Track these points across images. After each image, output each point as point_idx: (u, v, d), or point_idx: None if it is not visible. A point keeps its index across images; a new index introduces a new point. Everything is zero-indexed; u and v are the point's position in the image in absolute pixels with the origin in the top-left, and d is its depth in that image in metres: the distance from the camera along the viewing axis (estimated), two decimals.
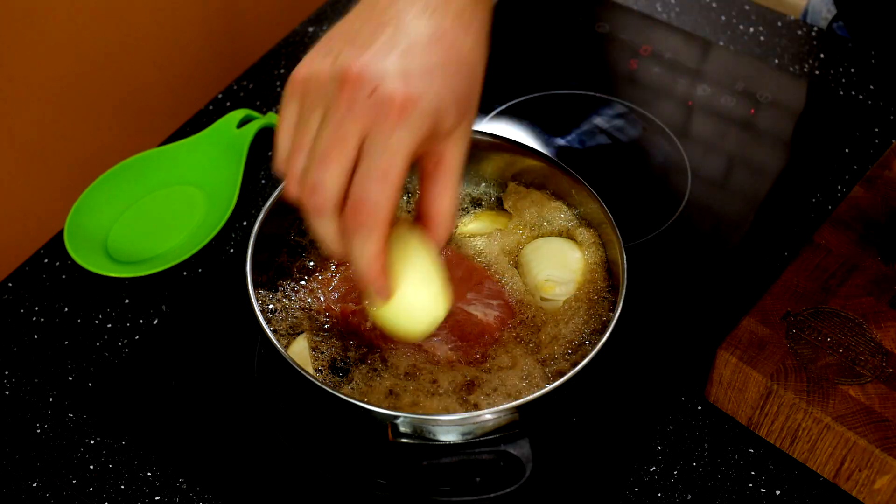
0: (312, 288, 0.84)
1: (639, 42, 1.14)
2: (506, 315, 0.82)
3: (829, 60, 1.13)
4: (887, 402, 0.76)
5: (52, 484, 0.82)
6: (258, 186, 1.02)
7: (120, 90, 1.10)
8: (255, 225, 0.81)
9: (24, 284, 0.94)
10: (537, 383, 0.77)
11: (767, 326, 0.81)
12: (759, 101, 1.08)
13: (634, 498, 0.81)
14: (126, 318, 0.92)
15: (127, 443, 0.84)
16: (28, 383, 0.88)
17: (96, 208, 0.98)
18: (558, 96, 1.09)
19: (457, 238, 0.89)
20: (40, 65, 1.00)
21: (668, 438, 0.84)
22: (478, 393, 0.77)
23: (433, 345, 0.80)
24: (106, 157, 1.06)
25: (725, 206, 1.00)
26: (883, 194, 0.91)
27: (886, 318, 0.81)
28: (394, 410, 0.73)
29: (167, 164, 1.01)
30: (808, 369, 0.79)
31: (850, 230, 0.88)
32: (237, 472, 0.81)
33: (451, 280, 0.73)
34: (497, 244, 0.87)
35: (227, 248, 0.97)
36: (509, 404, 0.72)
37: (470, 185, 0.92)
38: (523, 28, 1.16)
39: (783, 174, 1.02)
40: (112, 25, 1.05)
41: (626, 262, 0.80)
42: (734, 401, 0.82)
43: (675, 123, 1.06)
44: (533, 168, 0.89)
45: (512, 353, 0.80)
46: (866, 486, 0.78)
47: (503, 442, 0.72)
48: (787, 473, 0.82)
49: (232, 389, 0.86)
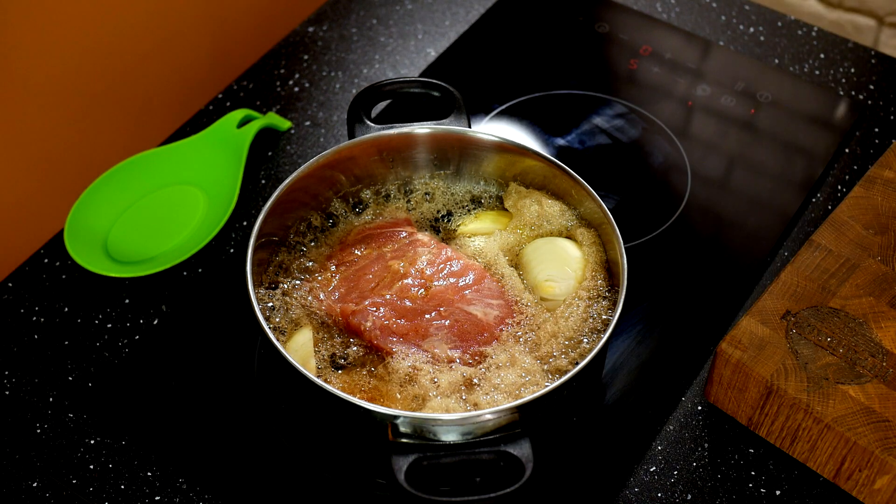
0: (312, 288, 0.84)
1: (639, 42, 1.14)
2: (505, 314, 0.82)
3: (829, 60, 1.13)
4: (887, 403, 0.76)
5: (52, 484, 0.82)
6: (258, 186, 1.02)
7: (120, 90, 1.09)
8: (255, 225, 0.81)
9: (25, 284, 0.94)
10: (537, 382, 0.77)
11: (767, 326, 0.81)
12: (759, 101, 1.08)
13: (634, 498, 0.81)
14: (126, 318, 0.92)
15: (127, 443, 0.84)
16: (28, 383, 0.88)
17: (96, 208, 0.98)
18: (558, 96, 1.09)
19: (457, 238, 0.89)
20: (40, 65, 1.00)
21: (668, 438, 0.84)
22: (478, 393, 0.77)
23: (433, 344, 0.80)
24: (106, 158, 1.06)
25: (725, 206, 1.00)
26: (883, 194, 0.91)
27: (886, 317, 0.81)
28: (394, 410, 0.73)
29: (167, 165, 1.01)
30: (808, 369, 0.79)
31: (850, 230, 0.88)
32: (237, 472, 0.81)
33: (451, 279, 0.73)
34: (497, 244, 0.87)
35: (227, 248, 0.97)
36: (509, 404, 0.72)
37: (471, 184, 0.93)
38: (523, 28, 1.16)
39: (783, 174, 1.02)
40: (112, 25, 1.05)
41: (626, 261, 0.80)
42: (734, 401, 0.82)
43: (675, 123, 1.06)
44: (533, 168, 0.89)
45: (511, 352, 0.80)
46: (866, 486, 0.78)
47: (503, 442, 0.72)
48: (788, 473, 0.82)
49: (232, 389, 0.86)
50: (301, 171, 0.85)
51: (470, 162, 0.91)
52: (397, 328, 0.80)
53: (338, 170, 0.88)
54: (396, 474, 0.69)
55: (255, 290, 0.78)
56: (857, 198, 0.90)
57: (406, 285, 0.83)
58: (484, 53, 1.13)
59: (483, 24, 1.16)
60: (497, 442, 0.72)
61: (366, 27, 1.17)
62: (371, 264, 0.85)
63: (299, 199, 0.87)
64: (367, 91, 0.91)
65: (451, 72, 1.10)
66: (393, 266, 0.85)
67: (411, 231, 0.88)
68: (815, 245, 0.87)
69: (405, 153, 0.90)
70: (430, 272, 0.84)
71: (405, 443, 0.72)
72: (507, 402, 0.74)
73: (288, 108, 1.09)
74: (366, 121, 0.89)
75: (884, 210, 0.89)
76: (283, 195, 0.84)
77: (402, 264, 0.85)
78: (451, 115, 0.90)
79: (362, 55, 1.14)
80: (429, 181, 0.92)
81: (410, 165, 0.91)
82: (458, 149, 0.90)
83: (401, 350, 0.79)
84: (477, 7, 1.19)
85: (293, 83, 1.11)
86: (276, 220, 0.84)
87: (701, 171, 1.02)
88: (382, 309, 0.81)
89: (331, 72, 1.12)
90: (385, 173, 0.91)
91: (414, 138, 0.89)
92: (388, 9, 1.19)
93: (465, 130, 0.89)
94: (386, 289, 0.83)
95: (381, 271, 0.84)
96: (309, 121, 1.08)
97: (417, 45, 1.15)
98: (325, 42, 1.15)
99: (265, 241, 0.84)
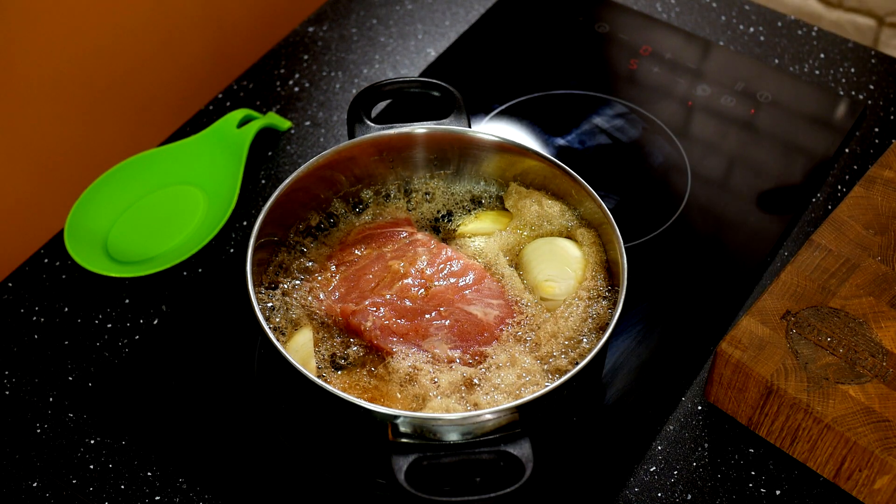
0: (312, 287, 0.84)
1: (639, 42, 1.14)
2: (505, 314, 0.82)
3: (829, 60, 1.13)
4: (887, 402, 0.76)
5: (52, 484, 0.82)
6: (258, 186, 1.02)
7: (120, 90, 1.10)
8: (255, 225, 0.81)
9: (25, 284, 0.94)
10: (537, 382, 0.77)
11: (767, 326, 0.81)
12: (759, 101, 1.08)
13: (634, 498, 0.81)
14: (126, 318, 0.92)
15: (127, 443, 0.84)
16: (28, 383, 0.88)
17: (96, 208, 0.98)
18: (558, 96, 1.09)
19: (457, 238, 0.89)
20: (40, 64, 1.00)
21: (668, 438, 0.84)
22: (478, 393, 0.77)
23: (433, 344, 0.80)
24: (106, 158, 1.06)
25: (725, 206, 1.00)
26: (883, 194, 0.91)
27: (886, 317, 0.81)
28: (394, 410, 0.73)
29: (167, 164, 1.01)
30: (808, 369, 0.79)
31: (850, 230, 0.88)
32: (237, 472, 0.81)
33: (451, 279, 0.73)
34: (497, 244, 0.87)
35: (227, 248, 0.97)
36: (509, 404, 0.72)
37: (471, 184, 0.93)
38: (523, 28, 1.16)
39: (783, 174, 1.02)
40: (112, 25, 1.05)
41: (626, 261, 0.80)
42: (734, 401, 0.82)
43: (675, 123, 1.06)
44: (534, 168, 0.89)
45: (511, 352, 0.80)
46: (866, 486, 0.77)
47: (503, 442, 0.72)
48: (788, 473, 0.82)
49: (232, 389, 0.86)
50: (301, 170, 0.85)
51: (470, 162, 0.91)
52: (397, 328, 0.80)
53: (338, 170, 0.88)
54: (396, 474, 0.69)
55: (256, 289, 0.78)
56: (857, 197, 0.90)
57: (406, 285, 0.83)
58: (484, 53, 1.13)
59: (483, 24, 1.16)
60: (497, 442, 0.72)
61: (366, 27, 1.17)
62: (371, 264, 0.85)
63: (299, 199, 0.87)
64: (368, 91, 0.91)
65: (451, 72, 1.10)
66: (393, 266, 0.85)
67: (411, 231, 0.88)
68: (815, 245, 0.87)
69: (405, 153, 0.90)
70: (430, 272, 0.84)
71: (405, 443, 0.72)
72: (507, 402, 0.74)
73: (288, 108, 1.09)
74: (366, 121, 0.89)
75: (884, 210, 0.89)
76: (283, 195, 0.84)
77: (402, 264, 0.85)
78: (451, 115, 0.90)
79: (362, 55, 1.14)
80: (429, 181, 0.92)
81: (410, 165, 0.91)
82: (458, 149, 0.90)
83: (401, 350, 0.79)
84: (477, 7, 1.19)
85: (293, 83, 1.11)
86: (276, 220, 0.84)
87: (701, 171, 1.02)
88: (382, 309, 0.81)
89: (331, 72, 1.12)
90: (385, 173, 0.91)
91: (414, 138, 0.89)
92: (388, 9, 1.19)
93: (464, 130, 0.89)
94: (386, 289, 0.83)
95: (381, 271, 0.84)
96: (309, 121, 1.08)
97: (417, 45, 1.15)
98: (325, 42, 1.16)
99: (265, 241, 0.83)
